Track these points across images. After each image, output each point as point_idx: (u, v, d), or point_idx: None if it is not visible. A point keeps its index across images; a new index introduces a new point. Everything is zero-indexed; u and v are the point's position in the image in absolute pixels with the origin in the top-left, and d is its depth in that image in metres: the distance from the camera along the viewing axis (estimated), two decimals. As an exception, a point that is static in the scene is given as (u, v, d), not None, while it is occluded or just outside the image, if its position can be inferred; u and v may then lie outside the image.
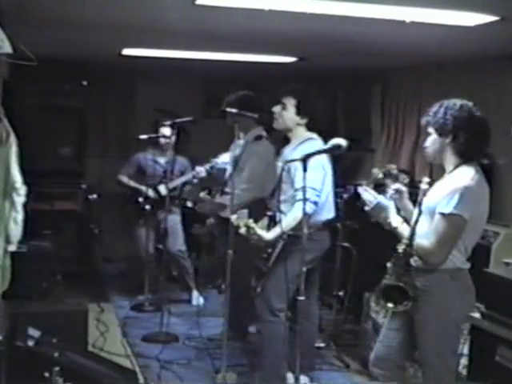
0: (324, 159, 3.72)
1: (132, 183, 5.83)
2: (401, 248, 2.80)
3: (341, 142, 3.15)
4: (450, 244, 2.73)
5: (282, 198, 3.70)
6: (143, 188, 5.74)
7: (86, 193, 6.53)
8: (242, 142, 4.59)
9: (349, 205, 5.04)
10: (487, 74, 4.99)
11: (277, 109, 3.84)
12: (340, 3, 3.03)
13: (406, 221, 2.88)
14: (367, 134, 6.51)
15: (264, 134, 4.60)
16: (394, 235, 2.88)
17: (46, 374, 3.26)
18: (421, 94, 5.64)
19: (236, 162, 4.41)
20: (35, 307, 4.28)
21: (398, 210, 2.92)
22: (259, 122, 4.55)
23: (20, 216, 3.60)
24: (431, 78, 5.51)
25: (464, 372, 3.80)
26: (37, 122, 6.17)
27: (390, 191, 2.95)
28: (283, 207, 3.65)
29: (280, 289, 3.63)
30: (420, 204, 2.84)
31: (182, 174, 5.64)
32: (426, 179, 2.91)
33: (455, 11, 3.17)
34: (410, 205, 3.02)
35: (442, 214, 2.70)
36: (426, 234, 2.79)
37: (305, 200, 3.13)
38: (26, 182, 3.63)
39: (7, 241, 3.54)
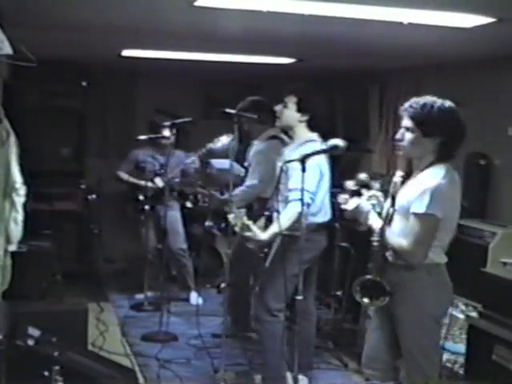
0: (322, 161, 3.73)
1: (131, 179, 5.87)
2: (375, 243, 2.85)
3: (339, 142, 3.17)
4: (427, 242, 2.78)
5: (280, 198, 3.72)
6: (142, 183, 5.75)
7: (86, 193, 6.55)
8: (256, 142, 4.68)
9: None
10: (485, 75, 5.02)
11: (278, 107, 3.89)
12: (338, 5, 3.04)
13: None
14: (365, 134, 6.53)
15: (279, 134, 4.63)
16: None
17: (46, 373, 3.27)
18: (419, 96, 5.65)
19: (249, 162, 4.64)
20: (35, 307, 4.30)
21: (379, 214, 2.95)
22: (273, 123, 4.59)
23: (20, 216, 3.62)
24: (429, 80, 5.53)
25: (461, 371, 3.82)
26: (37, 123, 6.18)
27: (372, 201, 2.98)
28: (280, 207, 3.67)
29: (277, 289, 3.65)
30: (393, 197, 2.88)
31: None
32: (400, 173, 2.97)
33: (453, 13, 3.19)
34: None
35: (416, 214, 2.74)
36: (401, 231, 2.83)
37: (302, 200, 3.14)
38: (25, 182, 3.65)
39: (7, 241, 3.55)
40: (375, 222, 2.90)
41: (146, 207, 5.67)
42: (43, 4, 3.40)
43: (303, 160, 3.12)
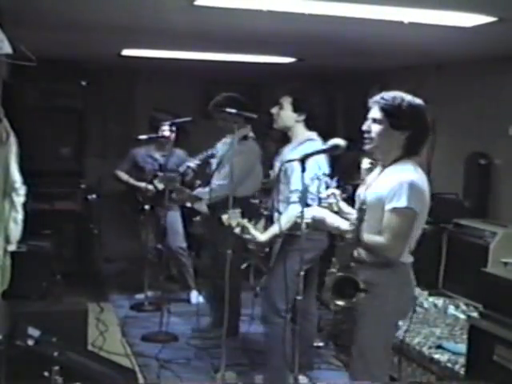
0: (322, 161, 3.72)
1: (131, 180, 5.86)
2: (347, 240, 2.77)
3: (339, 142, 3.16)
4: (405, 237, 2.75)
5: (280, 198, 3.72)
6: (142, 185, 5.75)
7: (86, 193, 6.54)
8: (229, 140, 4.64)
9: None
10: (485, 75, 5.01)
11: (274, 110, 3.88)
12: (339, 4, 3.04)
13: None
14: (366, 134, 6.52)
15: (251, 134, 4.67)
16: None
17: (46, 374, 3.26)
18: (419, 95, 5.64)
19: (220, 159, 4.63)
20: (35, 307, 4.30)
21: (337, 213, 2.92)
22: (247, 122, 4.60)
23: (20, 216, 3.61)
24: (430, 79, 5.53)
25: (462, 371, 3.81)
26: (37, 123, 6.18)
27: (331, 199, 2.94)
28: (280, 207, 3.66)
29: (283, 289, 3.63)
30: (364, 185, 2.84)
31: (178, 167, 5.62)
32: (368, 160, 2.98)
33: (453, 12, 3.19)
34: (346, 206, 3.01)
35: (395, 209, 2.71)
36: (369, 227, 2.76)
37: (302, 200, 3.13)
38: (25, 181, 3.65)
39: (7, 241, 3.55)
40: (341, 223, 2.84)
41: (146, 207, 5.67)
42: (43, 4, 3.40)
43: (303, 160, 3.10)
